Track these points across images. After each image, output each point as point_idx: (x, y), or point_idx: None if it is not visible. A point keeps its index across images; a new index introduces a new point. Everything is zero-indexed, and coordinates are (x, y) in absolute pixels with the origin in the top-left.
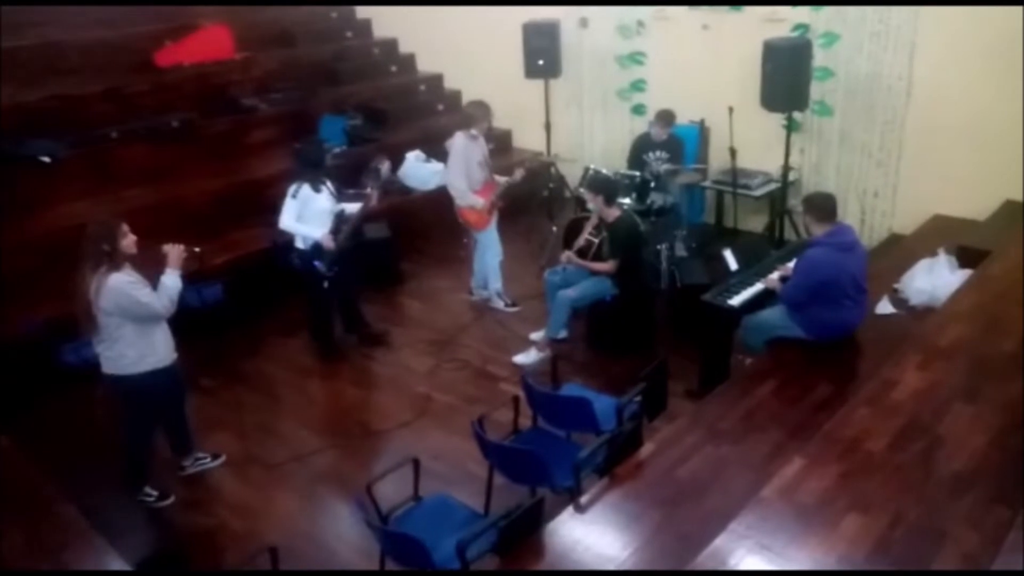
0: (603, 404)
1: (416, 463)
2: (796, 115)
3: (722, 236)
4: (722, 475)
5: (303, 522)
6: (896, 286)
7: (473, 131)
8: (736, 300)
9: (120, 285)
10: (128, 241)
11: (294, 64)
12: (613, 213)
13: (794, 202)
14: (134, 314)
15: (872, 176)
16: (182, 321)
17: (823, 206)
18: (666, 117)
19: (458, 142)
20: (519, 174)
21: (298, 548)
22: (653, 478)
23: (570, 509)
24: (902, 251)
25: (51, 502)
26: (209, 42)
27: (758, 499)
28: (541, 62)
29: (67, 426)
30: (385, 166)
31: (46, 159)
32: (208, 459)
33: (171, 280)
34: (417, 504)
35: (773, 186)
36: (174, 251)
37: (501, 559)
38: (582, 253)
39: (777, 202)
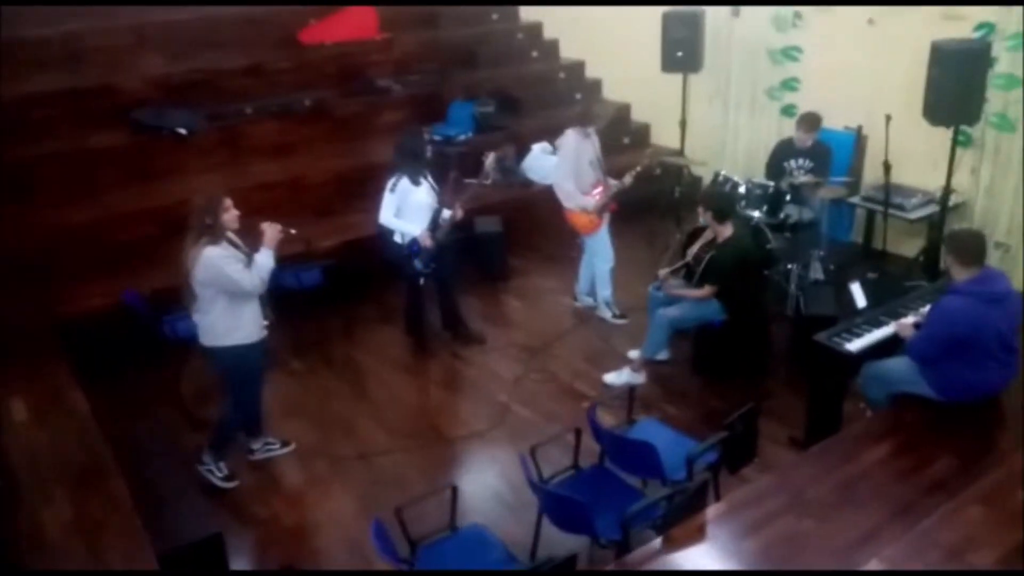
0: (681, 447)
1: (454, 491)
2: (971, 129)
3: (869, 259)
4: (797, 557)
5: (353, 528)
6: None
7: (588, 128)
8: (855, 345)
9: (213, 258)
10: (230, 216)
11: (435, 46)
12: (725, 232)
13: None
14: (224, 288)
15: None
16: (278, 302)
17: (967, 247)
18: (810, 121)
19: (569, 140)
20: (628, 179)
21: (340, 557)
22: (715, 547)
23: (612, 567)
24: None
25: (107, 476)
26: (354, 21)
27: None
28: (680, 54)
29: (154, 397)
30: (489, 159)
31: (183, 131)
32: (277, 446)
33: (264, 259)
34: (451, 535)
35: (933, 208)
36: (271, 230)
37: None
38: (690, 270)
39: (936, 227)
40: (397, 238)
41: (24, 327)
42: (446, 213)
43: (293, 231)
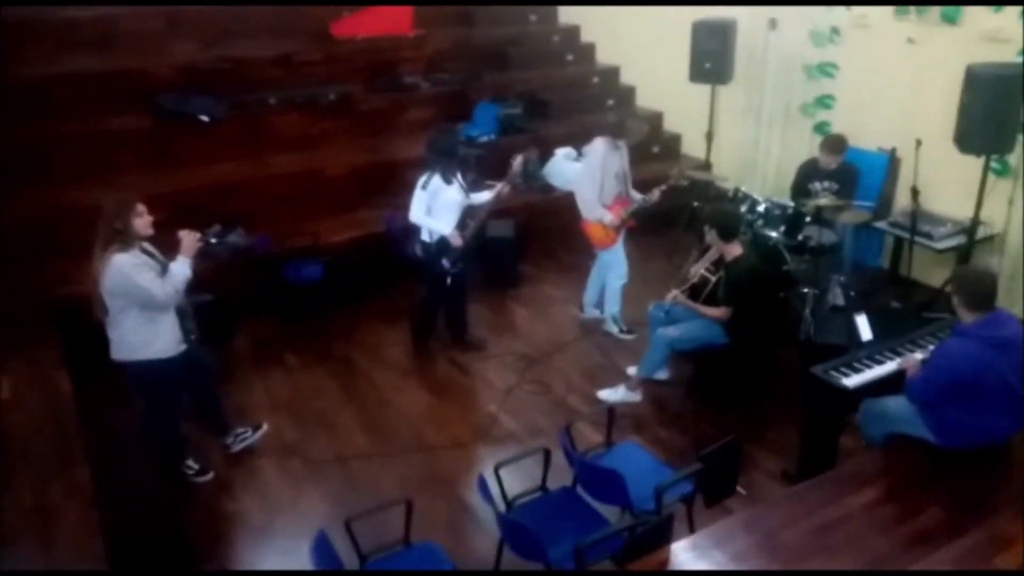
0: (656, 477)
1: (409, 506)
2: (1010, 158)
3: (894, 286)
4: None
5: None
6: None
7: (619, 141)
8: (853, 380)
9: (122, 266)
10: (142, 222)
11: (468, 45)
12: (733, 251)
13: (993, 261)
14: (134, 297)
15: None
16: (280, 296)
17: (974, 291)
18: (833, 144)
19: (598, 148)
20: (656, 195)
21: (294, 564)
22: None
23: None
24: None
25: (73, 463)
26: (388, 16)
27: None
28: (708, 65)
29: None
30: (517, 161)
31: (204, 118)
32: (248, 432)
33: (179, 268)
34: (403, 550)
35: (963, 239)
36: (188, 238)
37: None
38: (695, 290)
39: (964, 259)
40: (424, 236)
41: (20, 306)
42: (484, 195)
43: (213, 240)
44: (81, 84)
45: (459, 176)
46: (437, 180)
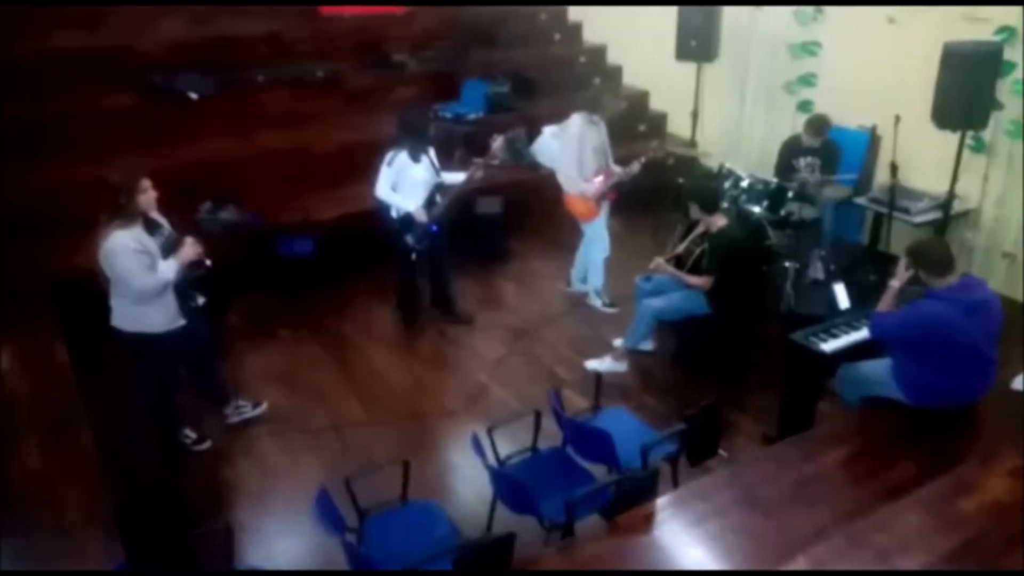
0: (642, 438)
1: (406, 465)
2: (985, 135)
3: (873, 261)
4: (736, 551)
5: (314, 494)
6: None
7: (595, 116)
8: (830, 345)
9: (115, 246)
10: (147, 198)
11: (455, 23)
12: (717, 222)
13: (969, 235)
14: (115, 277)
15: None
16: (272, 272)
17: (936, 258)
18: (817, 125)
19: (575, 124)
20: (635, 167)
21: (299, 521)
22: (656, 536)
23: (551, 551)
24: None
25: (76, 429)
26: None
27: None
28: (694, 43)
29: None
30: (497, 142)
31: (193, 96)
32: (248, 407)
33: (167, 268)
34: (401, 507)
35: (939, 214)
36: (191, 248)
37: None
38: (681, 261)
39: (940, 233)
40: (393, 213)
41: (18, 280)
42: (458, 176)
43: (208, 263)
44: (72, 61)
45: (430, 154)
46: (404, 157)
